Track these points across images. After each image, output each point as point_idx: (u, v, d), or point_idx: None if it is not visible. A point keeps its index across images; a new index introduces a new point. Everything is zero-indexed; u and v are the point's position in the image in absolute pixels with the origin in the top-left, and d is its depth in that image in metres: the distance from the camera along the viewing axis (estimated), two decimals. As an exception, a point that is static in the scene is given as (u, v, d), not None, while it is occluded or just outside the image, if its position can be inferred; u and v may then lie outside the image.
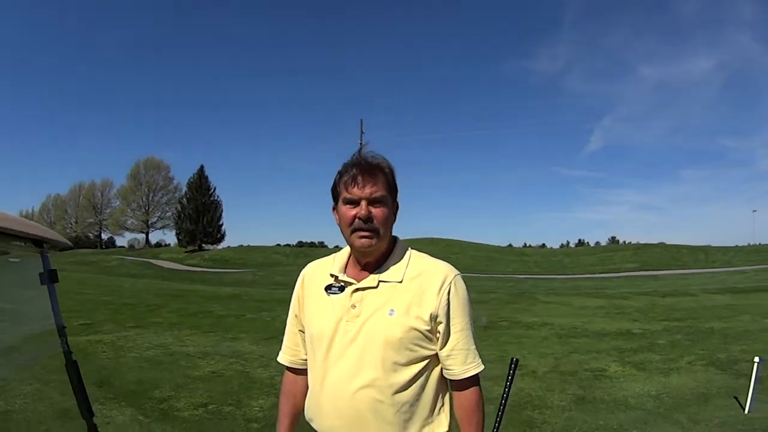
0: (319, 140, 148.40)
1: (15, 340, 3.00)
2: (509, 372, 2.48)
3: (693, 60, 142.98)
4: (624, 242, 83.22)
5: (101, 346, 11.44)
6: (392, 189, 2.26)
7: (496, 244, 74.97)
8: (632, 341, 11.53)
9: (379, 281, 2.21)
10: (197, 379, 9.07)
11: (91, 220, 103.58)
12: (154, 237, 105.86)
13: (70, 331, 2.53)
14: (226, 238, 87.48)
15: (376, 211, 2.17)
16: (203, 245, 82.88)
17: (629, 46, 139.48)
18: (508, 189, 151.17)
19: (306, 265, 2.50)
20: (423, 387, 2.18)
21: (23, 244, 2.52)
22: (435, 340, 2.19)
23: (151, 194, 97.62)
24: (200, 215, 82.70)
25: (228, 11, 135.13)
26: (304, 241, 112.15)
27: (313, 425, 2.27)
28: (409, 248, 2.34)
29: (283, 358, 2.51)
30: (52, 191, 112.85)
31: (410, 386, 2.14)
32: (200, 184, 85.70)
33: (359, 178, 2.18)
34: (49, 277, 2.61)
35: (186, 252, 78.08)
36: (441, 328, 2.18)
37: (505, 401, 2.42)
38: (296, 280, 2.46)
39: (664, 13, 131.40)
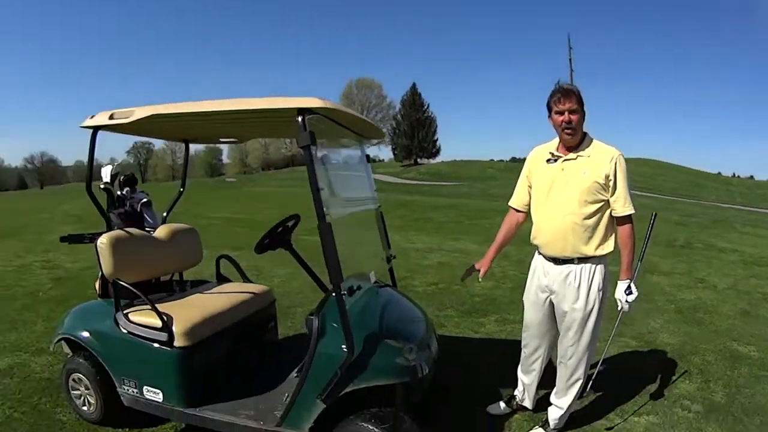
0: (529, 54, 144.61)
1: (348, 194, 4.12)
2: (650, 223, 4.19)
3: None
4: None
5: (369, 228, 13.41)
6: (581, 103, 3.72)
7: (705, 169, 70.33)
8: None
9: (578, 156, 3.78)
10: (427, 267, 10.92)
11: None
12: (370, 152, 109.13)
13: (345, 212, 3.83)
14: (440, 152, 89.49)
15: (573, 117, 3.69)
16: (418, 160, 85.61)
17: None
18: (723, 113, 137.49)
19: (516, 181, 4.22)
20: (601, 218, 3.76)
21: (353, 135, 4.35)
22: (608, 189, 3.70)
23: (365, 112, 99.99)
24: (415, 131, 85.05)
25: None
26: (517, 157, 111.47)
27: (535, 242, 4.01)
28: (594, 138, 3.85)
29: (514, 201, 4.21)
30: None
31: (594, 217, 3.73)
32: (413, 100, 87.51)
33: (562, 98, 3.71)
34: (366, 158, 4.59)
35: (402, 166, 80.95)
36: (611, 183, 3.69)
37: (646, 243, 4.15)
38: (524, 162, 4.18)
39: None
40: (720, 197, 47.50)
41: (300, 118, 3.13)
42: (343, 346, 3.21)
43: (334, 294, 3.19)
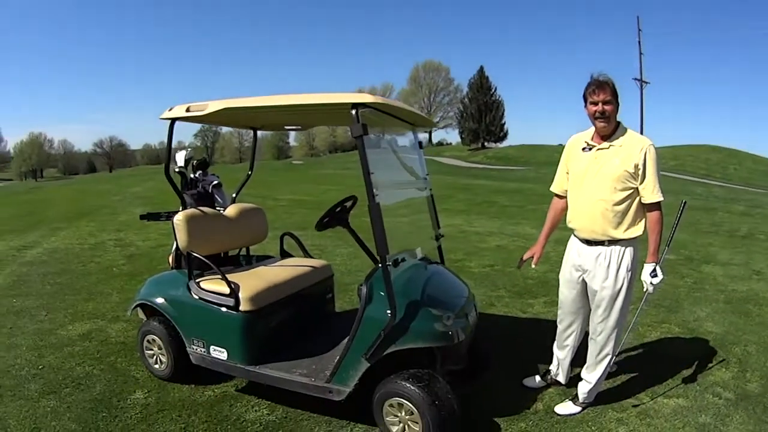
0: (598, 36, 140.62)
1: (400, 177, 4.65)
2: (679, 210, 4.40)
3: None
4: None
5: (421, 209, 13.75)
6: (615, 94, 3.96)
7: None
8: None
9: (610, 145, 4.04)
10: (485, 249, 11.24)
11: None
12: (437, 136, 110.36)
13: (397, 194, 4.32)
14: (508, 136, 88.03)
15: (607, 108, 3.94)
16: (486, 143, 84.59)
17: None
18: None
19: None
20: (630, 205, 4.01)
21: (406, 124, 4.79)
22: (637, 178, 3.94)
23: (432, 95, 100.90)
24: (482, 114, 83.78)
25: None
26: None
27: (571, 225, 4.34)
28: (627, 128, 4.08)
29: (555, 187, 4.55)
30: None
31: (623, 203, 3.99)
32: (481, 84, 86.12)
33: (597, 90, 3.96)
34: (419, 145, 5.01)
35: (469, 150, 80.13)
36: (640, 172, 3.93)
37: (675, 228, 4.37)
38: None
39: None
40: (793, 188, 45.66)
41: (354, 112, 3.57)
42: (388, 311, 3.64)
43: (380, 265, 3.64)
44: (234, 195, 6.17)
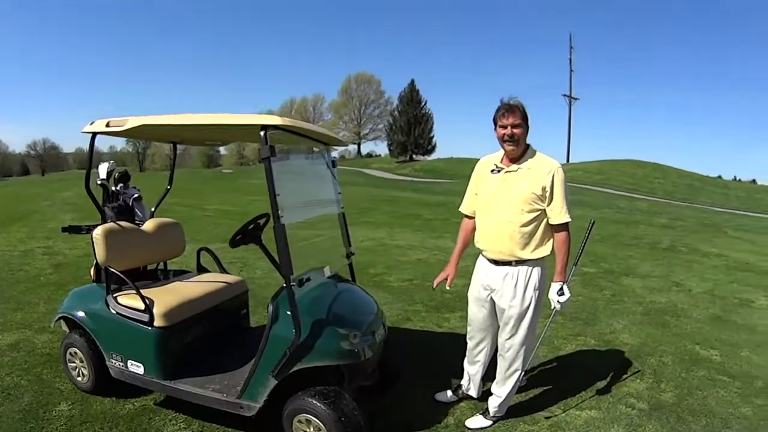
0: (528, 53, 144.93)
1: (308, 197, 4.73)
2: (588, 229, 4.59)
3: None
4: None
5: (332, 227, 13.74)
6: (524, 118, 4.05)
7: (705, 173, 70.38)
8: None
9: (519, 168, 4.13)
10: (405, 263, 11.22)
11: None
12: (366, 148, 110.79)
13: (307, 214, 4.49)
14: (436, 149, 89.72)
15: (516, 131, 4.03)
16: (414, 156, 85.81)
17: None
18: (725, 117, 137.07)
19: None
20: (537, 226, 4.12)
21: (319, 144, 4.86)
22: (545, 200, 4.04)
23: (363, 107, 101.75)
24: (411, 127, 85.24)
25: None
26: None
27: (478, 245, 4.37)
28: (536, 150, 4.18)
29: (464, 208, 4.62)
30: (263, 108, 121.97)
31: (531, 224, 4.09)
32: (411, 97, 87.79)
33: (506, 113, 4.04)
34: (333, 164, 5.05)
35: (397, 162, 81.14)
36: (548, 194, 4.03)
37: (582, 247, 4.53)
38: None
39: None
40: (716, 201, 47.73)
41: (262, 133, 3.66)
42: (293, 330, 3.74)
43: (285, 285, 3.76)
44: (153, 209, 6.26)
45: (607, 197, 38.74)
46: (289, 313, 3.80)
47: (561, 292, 4.15)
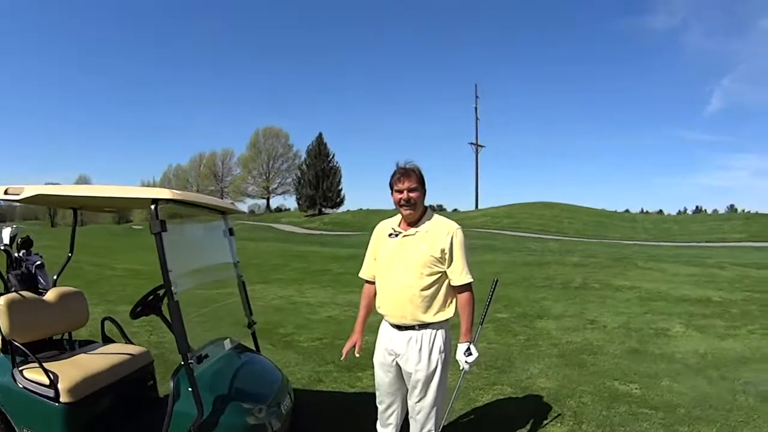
0: (434, 104, 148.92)
1: (205, 268, 4.75)
2: (491, 288, 4.55)
3: None
4: (742, 211, 78.80)
5: (232, 297, 13.46)
6: (420, 182, 4.09)
7: (614, 208, 73.92)
8: (707, 308, 12.05)
9: (416, 231, 4.14)
10: (315, 322, 11.00)
11: (213, 188, 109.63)
12: (275, 202, 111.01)
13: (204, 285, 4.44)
14: (345, 202, 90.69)
15: (412, 195, 4.05)
16: (323, 209, 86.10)
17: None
18: (628, 153, 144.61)
19: None
20: (439, 288, 4.10)
21: (217, 213, 4.87)
22: (445, 262, 4.05)
23: (271, 161, 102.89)
24: (320, 181, 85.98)
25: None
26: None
27: (380, 311, 4.28)
28: (434, 213, 4.21)
29: (363, 273, 4.53)
30: (172, 162, 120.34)
31: (432, 287, 4.06)
32: (319, 150, 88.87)
33: (401, 178, 4.08)
34: (229, 232, 5.04)
35: (306, 216, 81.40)
36: (447, 255, 4.03)
37: (487, 306, 4.48)
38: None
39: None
40: (625, 235, 49.70)
41: (153, 207, 3.65)
42: (196, 408, 3.69)
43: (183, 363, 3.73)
44: (55, 277, 6.11)
45: (517, 240, 39.67)
46: (190, 389, 3.73)
47: (468, 353, 4.12)
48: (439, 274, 4.06)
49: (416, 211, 4.11)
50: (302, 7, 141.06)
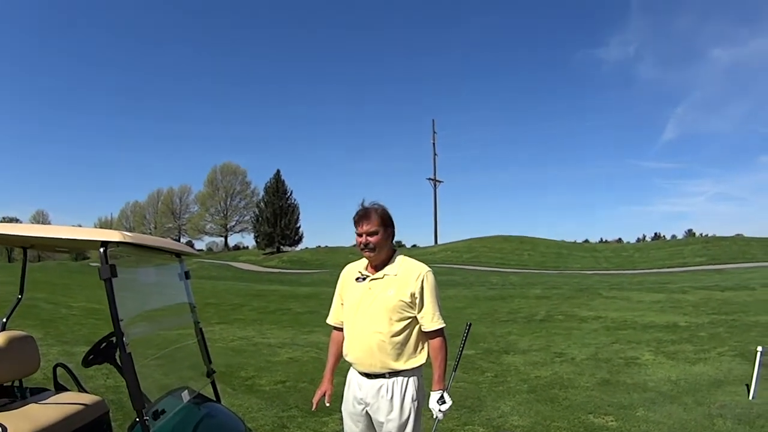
0: (393, 140, 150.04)
1: (160, 313, 4.54)
2: (464, 332, 4.38)
3: (766, 38, 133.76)
4: (700, 235, 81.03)
5: (190, 338, 13.08)
6: (383, 223, 3.90)
7: (573, 240, 75.19)
8: (675, 333, 12.20)
9: (384, 275, 3.92)
10: (277, 364, 10.65)
11: (170, 225, 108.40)
12: (233, 240, 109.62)
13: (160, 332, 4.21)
14: (303, 239, 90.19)
15: (372, 239, 3.86)
16: (281, 247, 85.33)
17: (699, 29, 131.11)
18: (585, 184, 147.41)
19: None
20: (409, 335, 3.88)
21: (171, 255, 4.53)
22: (415, 307, 3.85)
23: (229, 199, 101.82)
24: (278, 218, 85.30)
25: (297, 20, 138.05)
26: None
27: (347, 358, 4.03)
28: (402, 256, 4.02)
29: (331, 319, 4.31)
30: (130, 198, 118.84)
31: (401, 334, 3.84)
32: (277, 188, 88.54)
33: (360, 220, 3.90)
34: (185, 276, 4.69)
35: (264, 254, 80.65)
36: (417, 300, 3.83)
37: (461, 352, 4.35)
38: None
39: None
40: (586, 265, 50.26)
41: (102, 250, 3.34)
42: None
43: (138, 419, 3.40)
44: (4, 320, 5.71)
45: (478, 274, 39.71)
46: None
47: (442, 401, 3.89)
48: (410, 319, 3.86)
49: (379, 255, 3.91)
50: (258, 42, 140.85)
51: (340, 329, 4.20)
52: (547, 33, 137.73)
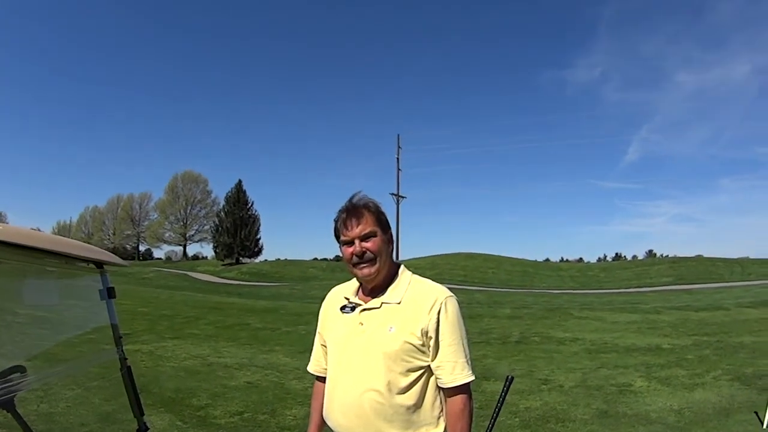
0: (356, 155, 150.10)
1: (71, 350, 3.52)
2: (503, 388, 2.87)
3: (730, 65, 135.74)
4: (661, 255, 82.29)
5: (139, 355, 12.00)
6: (381, 224, 2.69)
7: (533, 258, 75.66)
8: (660, 356, 11.75)
9: (382, 303, 2.63)
10: (233, 389, 9.53)
11: (129, 232, 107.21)
12: (192, 250, 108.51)
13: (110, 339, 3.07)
14: (263, 251, 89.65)
15: (369, 245, 2.62)
16: (240, 259, 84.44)
17: (666, 53, 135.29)
18: (546, 202, 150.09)
19: (340, 280, 2.99)
20: (422, 393, 2.56)
21: (87, 265, 3.00)
22: (428, 351, 2.55)
23: (189, 207, 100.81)
24: (238, 229, 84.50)
25: (263, 33, 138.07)
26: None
27: (329, 423, 2.72)
28: (411, 273, 2.74)
29: (311, 367, 3.02)
30: (90, 203, 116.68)
31: (408, 391, 2.53)
32: (238, 198, 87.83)
33: (348, 221, 2.65)
34: (108, 293, 3.11)
35: (223, 265, 79.63)
36: (431, 342, 2.53)
37: (497, 413, 2.82)
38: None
39: (701, 17, 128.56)
40: (552, 284, 50.31)
41: None
42: None
43: None
44: None
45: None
46: None
47: None
48: (421, 370, 2.55)
49: (379, 271, 2.62)
50: (225, 53, 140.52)
51: (324, 379, 2.88)
52: (515, 53, 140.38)
